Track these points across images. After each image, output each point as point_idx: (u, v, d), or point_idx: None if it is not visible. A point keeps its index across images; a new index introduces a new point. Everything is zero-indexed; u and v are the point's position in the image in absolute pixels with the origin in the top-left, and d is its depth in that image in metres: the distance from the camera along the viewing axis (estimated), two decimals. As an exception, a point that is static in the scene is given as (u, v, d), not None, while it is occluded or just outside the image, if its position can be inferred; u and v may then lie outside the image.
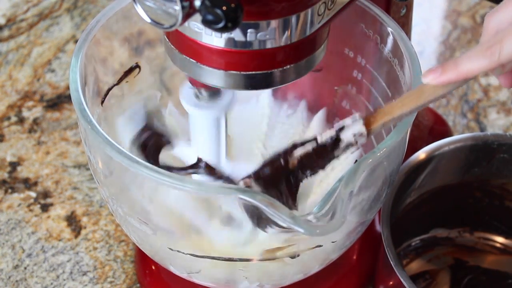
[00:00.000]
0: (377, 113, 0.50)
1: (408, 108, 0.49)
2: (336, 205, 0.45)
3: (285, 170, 0.50)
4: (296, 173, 0.51)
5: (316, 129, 0.66)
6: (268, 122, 0.67)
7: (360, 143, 0.50)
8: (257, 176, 0.50)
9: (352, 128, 0.50)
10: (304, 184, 0.52)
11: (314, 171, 0.51)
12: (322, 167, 0.51)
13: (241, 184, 0.50)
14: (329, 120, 0.66)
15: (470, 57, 0.46)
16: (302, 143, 0.51)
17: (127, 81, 0.61)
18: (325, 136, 0.50)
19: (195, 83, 0.54)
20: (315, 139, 0.51)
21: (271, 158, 0.51)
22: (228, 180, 0.58)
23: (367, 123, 0.50)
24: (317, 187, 0.61)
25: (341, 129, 0.50)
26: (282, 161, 0.51)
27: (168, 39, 0.49)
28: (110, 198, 0.54)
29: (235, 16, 0.39)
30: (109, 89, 0.59)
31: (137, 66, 0.61)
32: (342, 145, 0.50)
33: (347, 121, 0.50)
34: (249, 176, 0.50)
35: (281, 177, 0.51)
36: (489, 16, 0.47)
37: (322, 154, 0.51)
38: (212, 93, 0.55)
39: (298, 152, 0.50)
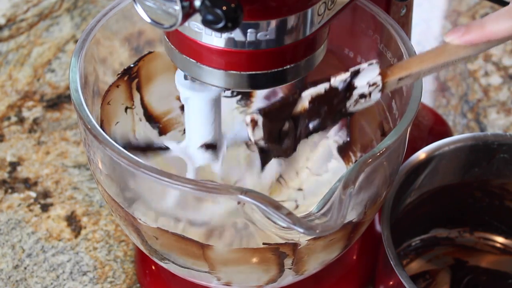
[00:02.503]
0: (394, 66, 0.49)
1: (427, 66, 0.48)
2: (335, 205, 0.45)
3: (293, 110, 0.47)
4: (303, 118, 0.48)
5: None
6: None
7: (374, 99, 0.48)
8: (265, 111, 0.47)
9: (367, 74, 0.48)
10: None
11: (321, 123, 0.48)
12: (330, 119, 0.48)
13: (248, 119, 0.47)
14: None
15: (497, 18, 0.44)
16: (315, 83, 0.48)
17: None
18: (339, 78, 0.48)
19: None
20: (328, 80, 0.48)
21: (281, 96, 0.48)
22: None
23: (383, 75, 0.48)
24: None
25: (356, 73, 0.48)
26: (292, 99, 0.47)
27: (168, 39, 0.49)
28: (110, 198, 0.54)
29: (235, 16, 0.39)
30: (109, 89, 0.60)
31: (137, 64, 0.61)
32: (356, 93, 0.48)
33: (363, 65, 0.48)
34: (256, 112, 0.47)
35: (288, 116, 0.47)
36: None
37: (333, 99, 0.48)
38: None
39: (310, 91, 0.47)
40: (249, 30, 0.45)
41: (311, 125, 0.49)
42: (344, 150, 0.65)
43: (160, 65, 0.63)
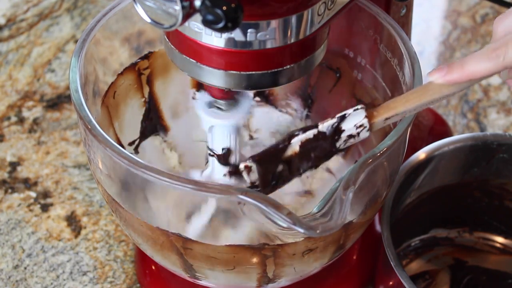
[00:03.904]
0: (380, 107, 0.50)
1: (412, 105, 0.49)
2: (336, 205, 0.45)
3: (284, 155, 0.50)
4: (295, 161, 0.50)
5: None
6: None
7: (362, 137, 0.50)
8: (257, 159, 0.50)
9: (354, 118, 0.50)
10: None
11: (313, 163, 0.50)
12: (322, 159, 0.51)
13: (242, 166, 0.49)
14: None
15: (476, 59, 0.46)
16: (304, 130, 0.50)
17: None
18: (326, 124, 0.50)
19: (212, 93, 0.54)
20: (316, 126, 0.50)
21: (273, 144, 0.50)
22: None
23: (370, 117, 0.50)
24: None
25: (343, 117, 0.50)
26: (282, 145, 0.50)
27: (168, 39, 0.49)
28: (110, 198, 0.54)
29: (235, 16, 0.39)
30: (109, 88, 0.60)
31: (137, 63, 0.62)
32: (343, 135, 0.50)
33: (349, 110, 0.50)
34: (249, 159, 0.50)
35: (279, 162, 0.50)
36: (498, 21, 0.47)
37: (322, 143, 0.50)
38: (229, 101, 0.55)
39: (299, 138, 0.50)
40: (249, 30, 0.45)
41: (304, 165, 0.51)
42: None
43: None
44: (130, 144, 0.64)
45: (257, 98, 0.68)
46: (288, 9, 0.45)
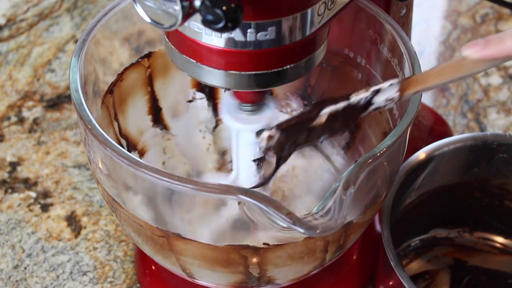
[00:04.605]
0: (411, 80, 0.49)
1: (444, 80, 0.48)
2: (336, 205, 0.45)
3: (310, 124, 0.49)
4: (317, 130, 0.49)
5: None
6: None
7: (386, 108, 0.50)
8: (283, 127, 0.48)
9: (387, 92, 0.49)
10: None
11: (332, 133, 0.50)
12: (342, 129, 0.50)
13: (266, 134, 0.48)
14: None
15: None
16: (334, 101, 0.49)
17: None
18: (359, 97, 0.49)
19: (239, 97, 0.54)
20: (347, 98, 0.49)
21: (300, 113, 0.49)
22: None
23: (401, 90, 0.49)
24: None
25: (377, 92, 0.49)
26: (310, 115, 0.49)
27: (168, 39, 0.49)
28: (110, 198, 0.54)
29: (235, 16, 0.39)
30: (109, 88, 0.60)
31: (137, 62, 0.62)
32: (371, 108, 0.49)
33: (384, 84, 0.49)
34: (274, 127, 0.48)
35: (303, 131, 0.49)
36: None
37: (349, 114, 0.49)
38: (253, 106, 0.54)
39: (328, 109, 0.49)
40: (249, 30, 0.45)
41: (323, 135, 0.50)
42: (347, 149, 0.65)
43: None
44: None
45: None
46: (288, 9, 0.45)
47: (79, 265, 0.69)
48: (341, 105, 0.49)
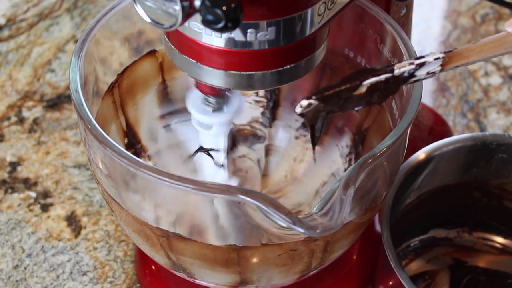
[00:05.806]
0: (454, 54, 0.49)
1: (486, 55, 0.48)
2: (336, 205, 0.45)
3: (349, 94, 0.48)
4: (355, 100, 0.48)
5: None
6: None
7: (425, 79, 0.49)
8: (324, 95, 0.47)
9: (431, 66, 0.48)
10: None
11: (368, 103, 0.49)
12: (380, 101, 0.49)
13: (304, 103, 0.47)
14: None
15: None
16: (377, 71, 0.48)
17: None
18: (402, 69, 0.48)
19: (202, 89, 0.54)
20: (391, 70, 0.48)
21: (341, 81, 0.48)
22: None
23: (443, 64, 0.49)
24: None
25: (422, 65, 0.48)
26: (351, 85, 0.48)
27: (168, 39, 0.49)
28: (110, 198, 0.54)
29: (235, 16, 0.39)
30: (109, 88, 0.60)
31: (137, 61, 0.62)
32: (412, 79, 0.49)
33: (429, 58, 0.48)
34: (313, 96, 0.48)
35: (342, 101, 0.48)
36: None
37: (390, 86, 0.49)
38: (219, 99, 0.55)
39: (372, 80, 0.48)
40: (249, 30, 0.45)
41: (360, 104, 0.49)
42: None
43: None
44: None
45: (255, 98, 0.68)
46: (288, 9, 0.45)
47: (79, 265, 0.69)
48: (383, 76, 0.48)
